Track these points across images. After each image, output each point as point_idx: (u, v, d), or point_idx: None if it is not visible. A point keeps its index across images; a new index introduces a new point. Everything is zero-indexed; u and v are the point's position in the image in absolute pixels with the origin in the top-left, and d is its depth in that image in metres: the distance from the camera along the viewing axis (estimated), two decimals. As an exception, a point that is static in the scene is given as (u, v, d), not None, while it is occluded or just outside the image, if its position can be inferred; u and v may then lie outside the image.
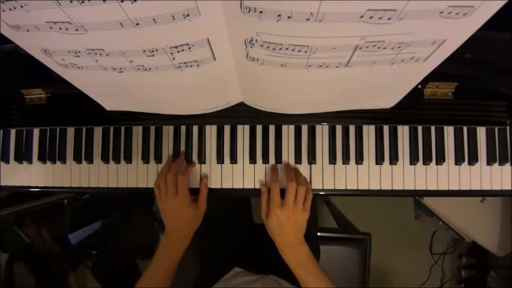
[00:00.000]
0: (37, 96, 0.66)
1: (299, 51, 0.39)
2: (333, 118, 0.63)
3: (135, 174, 0.68)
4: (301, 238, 0.60)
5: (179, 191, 0.61)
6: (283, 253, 0.60)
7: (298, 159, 0.66)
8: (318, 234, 0.93)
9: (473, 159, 0.64)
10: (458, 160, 0.64)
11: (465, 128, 0.65)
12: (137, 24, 0.35)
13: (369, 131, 0.66)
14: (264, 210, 0.62)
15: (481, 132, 0.65)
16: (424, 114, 0.62)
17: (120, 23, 0.35)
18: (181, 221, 0.63)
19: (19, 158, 0.70)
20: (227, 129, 0.67)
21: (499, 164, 0.65)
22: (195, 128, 0.68)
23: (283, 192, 0.60)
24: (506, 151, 0.65)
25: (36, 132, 0.71)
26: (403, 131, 0.65)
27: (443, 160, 0.64)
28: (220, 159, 0.66)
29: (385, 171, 0.65)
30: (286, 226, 0.59)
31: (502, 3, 0.31)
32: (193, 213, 0.63)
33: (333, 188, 0.66)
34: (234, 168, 0.67)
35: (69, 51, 0.42)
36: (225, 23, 0.37)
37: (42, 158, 0.70)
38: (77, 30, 0.37)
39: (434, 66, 0.43)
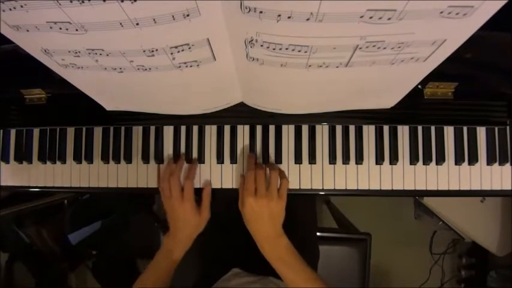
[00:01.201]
0: (37, 96, 0.66)
1: (299, 51, 0.39)
2: (333, 118, 0.63)
3: (135, 174, 0.68)
4: (279, 229, 0.57)
5: (185, 197, 0.61)
6: (261, 247, 0.58)
7: (298, 159, 0.66)
8: (318, 234, 0.93)
9: (473, 159, 0.64)
10: (458, 160, 0.64)
11: (465, 128, 0.65)
12: (137, 24, 0.35)
13: (369, 131, 0.66)
14: (240, 200, 0.60)
15: (481, 132, 0.65)
16: (424, 114, 0.62)
17: (120, 23, 0.35)
18: (184, 224, 0.62)
19: (19, 158, 0.70)
20: (227, 129, 0.67)
21: (499, 164, 0.65)
22: (195, 128, 0.68)
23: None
24: (506, 151, 0.65)
25: (36, 132, 0.70)
26: (403, 131, 0.65)
27: (443, 160, 0.64)
28: (220, 159, 0.66)
29: (385, 171, 0.65)
30: (261, 216, 0.56)
31: (502, 3, 0.31)
32: (197, 221, 0.63)
33: (333, 188, 0.65)
34: (234, 168, 0.67)
35: (69, 51, 0.42)
36: (225, 23, 0.37)
37: (42, 158, 0.70)
38: (77, 30, 0.37)
39: (434, 66, 0.43)
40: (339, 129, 0.66)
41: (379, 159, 0.65)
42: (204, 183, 0.67)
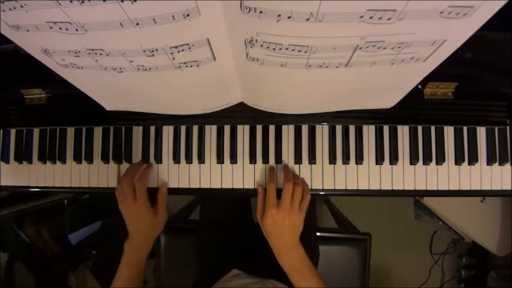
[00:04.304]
0: (37, 96, 0.66)
1: (299, 51, 0.39)
2: (333, 118, 0.63)
3: (135, 174, 0.68)
4: (297, 240, 0.59)
5: (137, 197, 0.61)
6: (278, 255, 0.60)
7: (298, 159, 0.66)
8: (318, 234, 0.93)
9: (473, 159, 0.64)
10: (458, 160, 0.64)
11: (465, 128, 0.65)
12: (137, 24, 0.35)
13: (369, 131, 0.66)
14: (259, 211, 0.61)
15: (481, 132, 0.65)
16: (424, 114, 0.62)
17: (120, 23, 0.35)
18: (140, 225, 0.62)
19: (19, 158, 0.70)
20: (227, 129, 0.67)
21: (499, 164, 0.65)
22: (195, 128, 0.67)
23: (279, 193, 0.60)
24: (506, 151, 0.65)
25: (36, 132, 0.70)
26: (403, 131, 0.65)
27: (443, 160, 0.64)
28: (220, 159, 0.66)
29: (385, 171, 0.65)
30: (282, 227, 0.58)
31: (502, 3, 0.31)
32: (152, 220, 0.63)
33: (333, 188, 0.66)
34: (234, 168, 0.67)
35: (69, 51, 0.42)
36: (225, 23, 0.37)
37: (42, 158, 0.70)
38: (77, 30, 0.37)
39: (435, 66, 0.43)
40: (339, 129, 0.66)
41: (379, 159, 0.65)
42: (161, 183, 0.67)
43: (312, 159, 0.65)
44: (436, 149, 0.65)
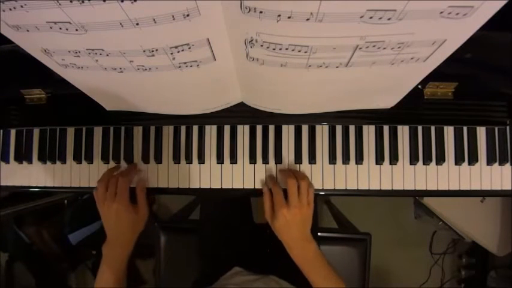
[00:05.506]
0: (37, 96, 0.66)
1: (299, 51, 0.39)
2: (333, 118, 0.63)
3: (135, 174, 0.68)
4: (309, 234, 0.60)
5: (118, 194, 0.59)
6: (290, 250, 0.60)
7: (298, 159, 0.66)
8: (318, 234, 0.93)
9: (473, 159, 0.64)
10: (458, 160, 0.64)
11: (465, 128, 0.65)
12: (137, 24, 0.35)
13: (369, 131, 0.66)
14: (268, 213, 0.61)
15: (481, 132, 0.65)
16: (424, 114, 0.62)
17: (120, 23, 0.35)
18: (120, 225, 0.61)
19: (19, 158, 0.70)
20: (227, 129, 0.67)
21: (499, 164, 0.65)
22: (195, 128, 0.68)
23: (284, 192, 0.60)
24: (506, 151, 0.65)
25: (36, 132, 0.70)
26: (403, 131, 0.65)
27: (443, 160, 0.64)
28: (220, 159, 0.66)
29: (385, 171, 0.65)
30: (293, 224, 0.58)
31: (502, 3, 0.31)
32: (132, 218, 0.61)
33: (333, 188, 0.66)
34: (234, 168, 0.67)
35: (69, 51, 0.42)
36: (225, 23, 0.37)
37: (42, 158, 0.70)
38: (77, 30, 0.37)
39: (435, 66, 0.43)
40: (339, 129, 0.66)
41: (379, 159, 0.65)
42: (137, 180, 0.66)
43: (312, 159, 0.65)
44: (436, 149, 0.65)
